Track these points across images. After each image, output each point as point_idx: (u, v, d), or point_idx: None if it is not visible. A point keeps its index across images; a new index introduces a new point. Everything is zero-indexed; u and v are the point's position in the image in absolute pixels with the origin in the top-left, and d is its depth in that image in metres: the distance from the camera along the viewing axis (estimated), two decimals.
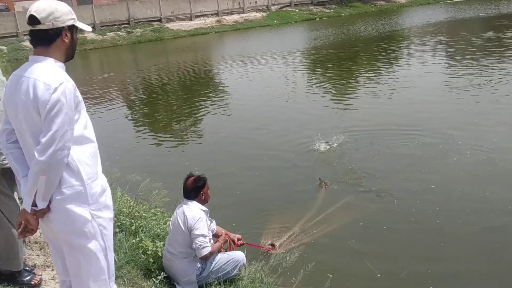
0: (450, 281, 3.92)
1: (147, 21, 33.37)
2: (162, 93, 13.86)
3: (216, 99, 11.98)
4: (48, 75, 2.07)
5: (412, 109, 8.86)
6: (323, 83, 12.35)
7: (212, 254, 3.59)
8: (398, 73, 12.54)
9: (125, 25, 32.57)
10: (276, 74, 14.32)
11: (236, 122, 9.32)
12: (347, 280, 4.00)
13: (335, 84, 12.23)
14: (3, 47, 26.95)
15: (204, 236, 3.51)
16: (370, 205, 5.34)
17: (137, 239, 3.98)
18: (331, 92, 11.24)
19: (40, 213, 2.13)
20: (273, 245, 4.38)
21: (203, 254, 3.50)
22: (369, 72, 13.13)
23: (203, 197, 3.71)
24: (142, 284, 3.35)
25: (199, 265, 3.63)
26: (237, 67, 16.58)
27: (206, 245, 3.51)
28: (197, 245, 3.50)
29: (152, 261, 3.78)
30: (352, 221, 4.99)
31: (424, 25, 24.57)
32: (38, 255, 3.59)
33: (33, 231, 2.22)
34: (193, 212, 3.56)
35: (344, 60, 16.54)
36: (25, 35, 28.83)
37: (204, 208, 3.71)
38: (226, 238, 3.96)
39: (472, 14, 27.81)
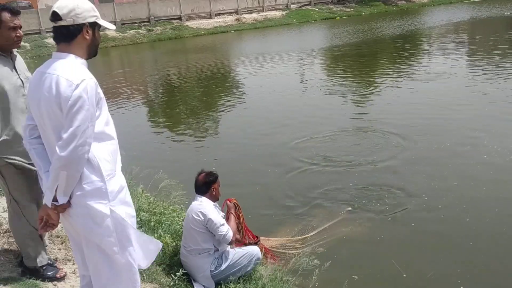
0: (480, 281, 3.82)
1: (167, 19, 33.59)
2: (180, 89, 13.93)
3: (236, 96, 11.99)
4: (70, 71, 2.09)
5: (435, 109, 8.72)
6: (343, 81, 12.26)
7: (235, 233, 3.68)
8: (420, 72, 12.35)
9: (146, 23, 32.86)
10: (295, 73, 14.27)
11: (255, 120, 9.29)
12: (372, 281, 3.92)
13: (356, 82, 12.13)
14: (26, 44, 27.44)
15: (222, 224, 3.55)
16: (397, 203, 5.25)
17: (156, 235, 3.99)
18: (351, 91, 11.13)
19: (61, 208, 2.15)
20: (257, 237, 4.23)
21: (229, 240, 3.57)
22: (390, 71, 12.97)
23: (214, 193, 3.72)
24: (161, 280, 3.37)
25: (214, 260, 3.64)
26: (256, 66, 16.56)
27: (228, 232, 3.56)
28: (221, 235, 3.53)
29: (171, 257, 3.79)
30: (379, 220, 4.90)
31: (446, 24, 24.17)
32: (59, 249, 3.63)
33: (54, 226, 2.24)
34: (204, 207, 3.58)
35: (363, 58, 16.37)
36: (47, 32, 29.31)
37: (215, 204, 3.75)
38: (232, 213, 3.94)
39: (497, 13, 27.24)
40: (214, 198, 3.75)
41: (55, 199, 2.13)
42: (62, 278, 3.13)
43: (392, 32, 23.02)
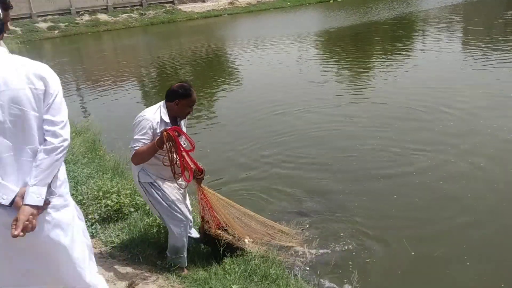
0: (486, 257, 3.87)
1: (160, 2, 33.25)
2: (174, 74, 13.83)
3: (229, 81, 11.93)
4: (35, 62, 2.04)
5: (429, 91, 8.70)
6: (338, 65, 12.26)
7: (138, 157, 3.10)
8: (415, 55, 12.33)
9: (138, 7, 32.51)
10: (289, 57, 14.23)
11: (250, 105, 9.23)
12: (381, 259, 3.94)
13: (351, 66, 12.11)
14: (17, 29, 27.09)
15: (135, 140, 3.10)
16: (399, 179, 5.34)
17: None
18: (347, 74, 11.14)
19: (45, 205, 2.00)
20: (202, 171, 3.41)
21: (131, 156, 3.14)
22: (385, 54, 12.96)
23: (176, 108, 3.19)
24: (157, 262, 3.40)
25: (145, 173, 3.26)
26: (250, 50, 16.49)
27: (132, 149, 3.11)
28: (130, 145, 3.14)
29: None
30: (384, 195, 4.96)
31: (442, 7, 24.09)
32: None
33: (33, 229, 1.95)
34: (146, 112, 3.18)
35: (358, 43, 16.35)
36: (39, 16, 28.94)
37: (165, 116, 3.17)
38: (168, 134, 3.06)
39: None
40: (174, 113, 3.22)
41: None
42: None
43: (388, 14, 22.93)
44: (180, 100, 3.17)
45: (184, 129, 3.35)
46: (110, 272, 3.22)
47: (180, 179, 3.33)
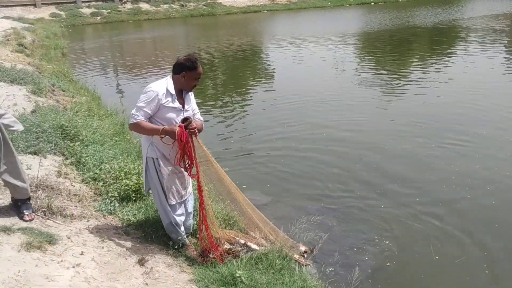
0: (505, 266, 3.87)
1: None
2: (209, 63, 13.97)
3: (264, 78, 12.00)
4: None
5: (475, 97, 8.72)
6: (375, 69, 12.14)
7: (136, 128, 3.24)
8: (453, 67, 12.00)
9: None
10: (327, 56, 14.17)
11: (283, 101, 9.27)
12: (404, 261, 3.97)
13: (389, 68, 11.98)
14: (62, 13, 27.97)
15: (138, 108, 3.22)
16: (426, 179, 5.40)
17: None
18: (382, 80, 11.01)
19: None
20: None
21: (129, 122, 3.27)
22: (423, 63, 12.72)
23: (183, 80, 3.30)
24: (169, 243, 3.52)
25: (153, 148, 3.33)
26: (287, 47, 16.50)
27: (134, 116, 3.22)
28: (132, 112, 3.27)
29: None
30: (408, 196, 5.01)
31: (486, 16, 23.39)
32: (76, 207, 3.82)
33: None
34: (150, 86, 3.28)
35: (396, 48, 16.10)
36: (83, 2, 29.77)
37: (171, 88, 3.29)
38: (174, 129, 3.17)
39: None
40: (180, 85, 3.33)
41: None
42: (28, 221, 3.32)
43: (432, 19, 22.50)
44: (187, 72, 3.28)
45: (192, 102, 3.47)
46: (123, 247, 3.35)
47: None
